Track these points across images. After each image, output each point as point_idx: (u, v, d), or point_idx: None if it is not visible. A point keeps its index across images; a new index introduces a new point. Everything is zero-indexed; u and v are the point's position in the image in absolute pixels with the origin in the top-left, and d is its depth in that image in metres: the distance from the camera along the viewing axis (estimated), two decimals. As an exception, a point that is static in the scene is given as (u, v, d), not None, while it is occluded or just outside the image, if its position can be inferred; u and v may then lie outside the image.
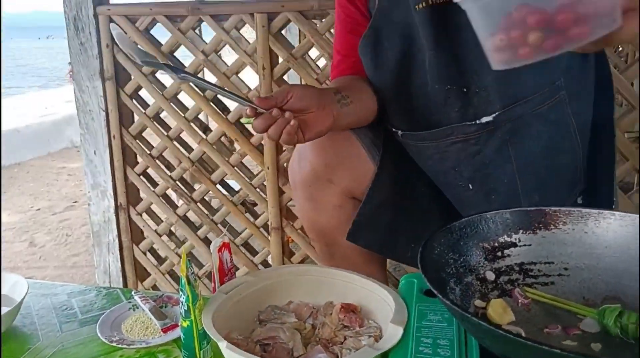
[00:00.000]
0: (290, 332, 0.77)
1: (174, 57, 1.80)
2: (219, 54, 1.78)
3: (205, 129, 1.92)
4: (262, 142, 1.74)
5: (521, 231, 0.79)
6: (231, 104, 1.80)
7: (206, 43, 1.73)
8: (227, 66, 1.74)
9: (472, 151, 0.97)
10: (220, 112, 1.78)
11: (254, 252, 1.93)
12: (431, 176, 1.07)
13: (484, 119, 0.94)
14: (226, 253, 0.87)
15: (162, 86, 1.81)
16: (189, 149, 1.87)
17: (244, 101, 0.85)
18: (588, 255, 0.76)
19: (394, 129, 1.05)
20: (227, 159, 1.81)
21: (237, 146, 1.81)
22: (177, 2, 1.72)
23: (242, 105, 0.86)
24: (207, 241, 1.90)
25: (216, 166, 1.82)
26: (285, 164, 1.74)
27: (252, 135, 1.78)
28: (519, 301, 0.73)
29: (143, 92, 1.84)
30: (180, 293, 0.78)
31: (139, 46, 1.47)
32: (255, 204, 1.91)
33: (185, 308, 0.77)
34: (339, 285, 0.86)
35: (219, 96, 1.77)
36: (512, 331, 0.66)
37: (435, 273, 0.68)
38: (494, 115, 0.93)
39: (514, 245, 0.78)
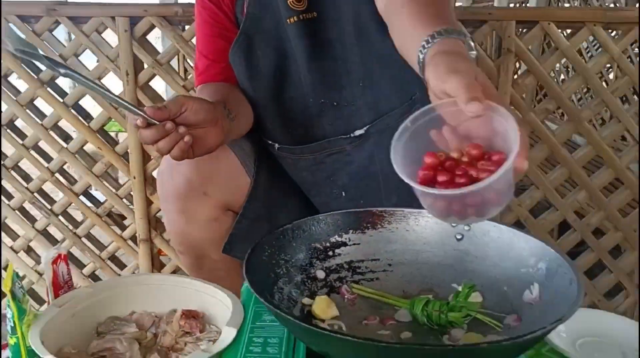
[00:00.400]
0: (128, 343, 0.76)
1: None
2: (79, 58, 1.70)
3: (66, 137, 1.83)
4: (128, 151, 1.69)
5: (351, 231, 0.84)
6: (94, 111, 1.74)
7: (65, 46, 1.65)
8: (89, 70, 1.67)
9: (347, 161, 1.02)
10: (83, 120, 1.71)
11: (122, 266, 1.87)
12: (304, 187, 1.10)
13: (357, 133, 1.00)
14: (62, 265, 0.84)
15: (17, 91, 1.70)
16: (48, 158, 1.77)
17: (135, 110, 0.80)
18: (409, 251, 0.83)
19: (269, 142, 1.07)
20: (90, 169, 1.73)
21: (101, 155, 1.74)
22: (32, 2, 1.63)
23: (133, 114, 0.80)
24: (70, 257, 1.80)
25: (79, 177, 1.74)
26: (153, 174, 1.70)
27: (116, 143, 1.73)
28: (345, 297, 0.78)
29: (-6, 98, 1.71)
30: (7, 309, 0.74)
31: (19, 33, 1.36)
32: (122, 216, 1.84)
33: (12, 325, 0.74)
34: (182, 292, 0.86)
35: (80, 103, 1.70)
36: (333, 325, 0.71)
37: (264, 274, 0.70)
38: (365, 128, 1.00)
39: (344, 244, 0.83)
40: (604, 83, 1.79)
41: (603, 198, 1.51)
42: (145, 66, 1.65)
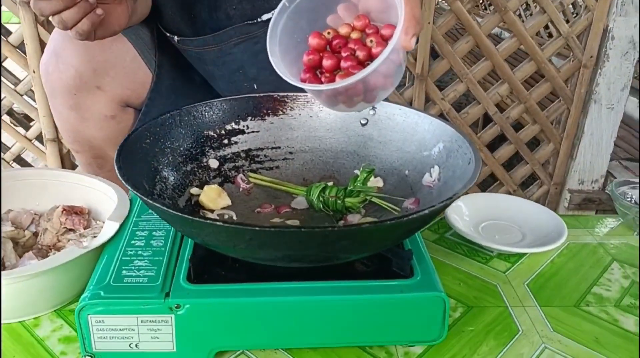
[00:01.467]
0: (3, 242, 0.69)
1: None
2: None
3: (-51, 27, 1.61)
4: (24, 42, 1.52)
5: (250, 117, 0.78)
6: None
7: None
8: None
9: (256, 50, 0.92)
10: (-35, 7, 1.50)
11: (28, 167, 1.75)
12: (213, 82, 1.00)
13: (265, 17, 0.90)
14: None
15: None
16: None
17: None
18: (312, 138, 0.78)
19: (168, 35, 0.95)
20: (-17, 63, 1.55)
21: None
22: None
23: None
24: (-29, 160, 1.66)
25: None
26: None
27: (10, 33, 1.54)
28: (241, 186, 0.73)
29: None
30: None
31: None
32: (25, 115, 1.70)
33: None
34: (66, 188, 0.79)
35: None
36: (223, 215, 0.66)
37: (144, 163, 0.64)
38: (273, 11, 0.90)
39: (242, 132, 0.77)
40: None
41: (524, 91, 1.50)
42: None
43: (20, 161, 1.72)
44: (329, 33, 0.58)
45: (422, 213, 0.49)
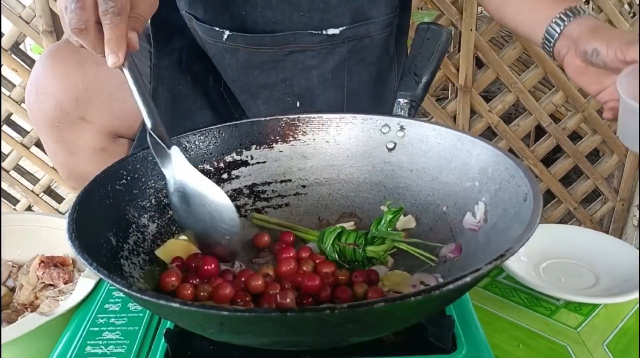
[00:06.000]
0: (-33, 302, 0.60)
1: None
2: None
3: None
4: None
5: (254, 146, 0.65)
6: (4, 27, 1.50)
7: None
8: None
9: (310, 65, 0.84)
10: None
11: (59, 199, 1.70)
12: (248, 91, 0.89)
13: (330, 31, 0.82)
14: None
15: None
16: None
17: None
18: (329, 167, 0.65)
19: (217, 29, 0.84)
20: (8, 94, 1.52)
21: (19, 77, 1.52)
22: None
23: None
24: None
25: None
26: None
27: (33, 61, 1.50)
28: (242, 230, 0.61)
29: None
30: None
31: None
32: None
33: None
34: (51, 235, 0.69)
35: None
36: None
37: (115, 210, 0.52)
38: (341, 28, 0.82)
39: (245, 163, 0.65)
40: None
41: (582, 98, 1.34)
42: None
43: (51, 192, 1.68)
44: None
45: (459, 283, 0.35)
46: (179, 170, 0.54)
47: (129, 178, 0.55)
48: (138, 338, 0.48)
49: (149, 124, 0.53)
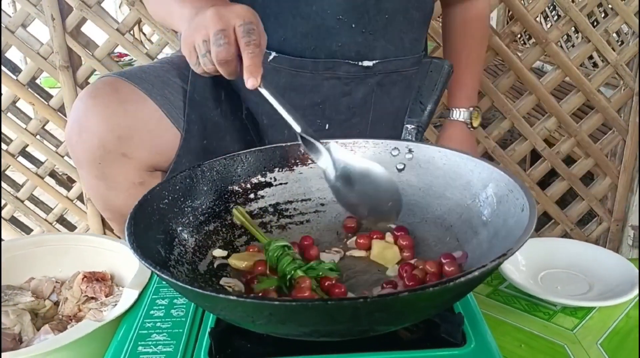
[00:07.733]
0: (17, 315, 0.65)
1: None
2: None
3: (-7, 94, 1.66)
4: (64, 105, 1.54)
5: (277, 169, 0.73)
6: (21, 63, 1.58)
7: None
8: (10, 16, 1.50)
9: (343, 91, 0.92)
10: (10, 73, 1.55)
11: (72, 228, 1.75)
12: (285, 111, 0.95)
13: (365, 63, 0.90)
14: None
15: None
16: (-25, 118, 1.61)
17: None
18: (344, 187, 0.72)
19: (266, 50, 0.89)
20: (24, 126, 1.58)
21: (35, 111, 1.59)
22: None
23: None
24: (15, 222, 1.68)
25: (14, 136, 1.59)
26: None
27: (50, 97, 1.57)
28: (269, 244, 0.67)
29: None
30: None
31: None
32: (68, 176, 1.71)
33: None
34: (88, 252, 0.75)
35: (7, 55, 1.53)
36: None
37: (160, 226, 0.59)
38: (374, 62, 0.91)
39: (269, 184, 0.72)
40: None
41: (574, 123, 1.41)
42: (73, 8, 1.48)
43: (63, 221, 1.73)
44: None
45: (470, 276, 0.42)
46: (342, 157, 0.67)
47: (170, 197, 0.62)
48: (183, 339, 0.54)
49: (298, 128, 0.63)
